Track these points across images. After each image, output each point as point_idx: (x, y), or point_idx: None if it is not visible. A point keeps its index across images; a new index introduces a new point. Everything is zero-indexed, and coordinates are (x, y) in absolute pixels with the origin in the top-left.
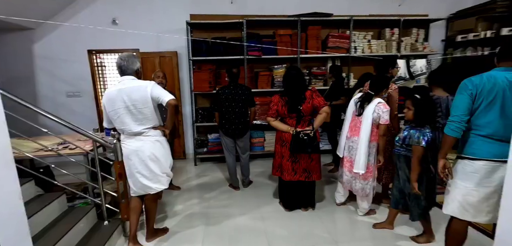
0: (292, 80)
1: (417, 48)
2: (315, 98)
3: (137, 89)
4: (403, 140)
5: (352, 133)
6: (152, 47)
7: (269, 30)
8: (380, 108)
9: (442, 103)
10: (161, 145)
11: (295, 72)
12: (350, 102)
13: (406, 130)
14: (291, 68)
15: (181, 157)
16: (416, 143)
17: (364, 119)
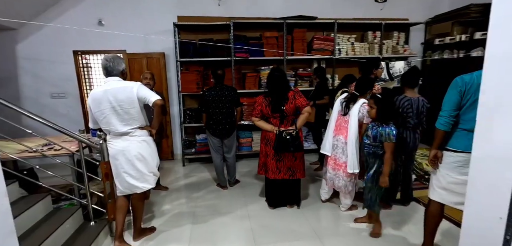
0: (275, 81)
1: (398, 50)
2: (297, 98)
3: (123, 89)
4: (374, 139)
5: (337, 132)
6: (139, 48)
7: (256, 32)
8: (365, 108)
9: (413, 104)
10: (147, 144)
11: (278, 73)
12: (336, 102)
13: (374, 128)
14: (275, 70)
15: (169, 158)
16: (388, 139)
17: (351, 120)
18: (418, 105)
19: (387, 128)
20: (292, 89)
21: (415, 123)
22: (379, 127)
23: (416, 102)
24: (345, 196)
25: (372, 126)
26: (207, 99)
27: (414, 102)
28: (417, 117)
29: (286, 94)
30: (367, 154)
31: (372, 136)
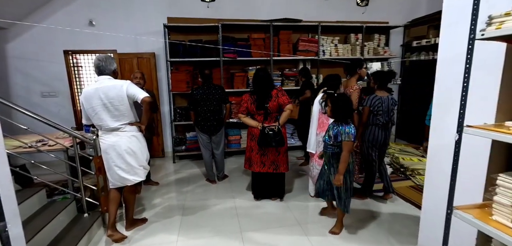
0: (259, 80)
1: (379, 52)
2: (280, 97)
3: (113, 87)
4: (334, 138)
5: (320, 129)
6: (130, 48)
7: (244, 33)
8: None
9: (383, 102)
10: (137, 139)
11: (262, 73)
12: (315, 102)
13: (335, 128)
14: (259, 70)
15: (160, 155)
16: (347, 138)
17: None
18: (388, 104)
19: (346, 127)
20: (276, 88)
21: (386, 120)
22: (339, 126)
23: (386, 101)
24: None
25: (333, 126)
26: (196, 97)
27: (384, 101)
28: (387, 115)
29: (270, 92)
30: (330, 154)
31: (333, 135)
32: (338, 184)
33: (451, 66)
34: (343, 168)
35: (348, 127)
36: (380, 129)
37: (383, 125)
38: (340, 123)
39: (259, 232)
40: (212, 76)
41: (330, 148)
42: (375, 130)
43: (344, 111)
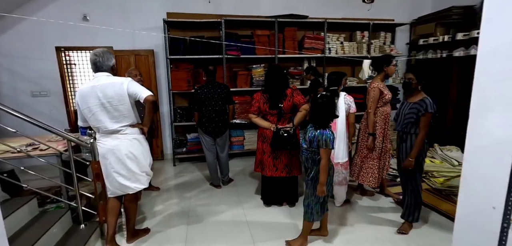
0: (273, 78)
1: (385, 50)
2: (295, 96)
3: (112, 85)
4: (310, 143)
5: None
6: (127, 45)
7: (247, 30)
8: (347, 99)
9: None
10: (139, 143)
11: (275, 70)
12: None
13: (311, 131)
14: (272, 66)
15: (159, 158)
16: (325, 145)
17: (339, 113)
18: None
19: (325, 132)
20: (290, 87)
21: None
22: (316, 131)
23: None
24: (342, 190)
25: (309, 129)
26: (199, 97)
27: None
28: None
29: (284, 91)
30: (305, 159)
31: (309, 139)
32: (322, 195)
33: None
34: (324, 178)
35: (326, 132)
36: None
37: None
38: (318, 127)
39: (273, 242)
40: (216, 74)
41: (305, 152)
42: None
43: (323, 115)
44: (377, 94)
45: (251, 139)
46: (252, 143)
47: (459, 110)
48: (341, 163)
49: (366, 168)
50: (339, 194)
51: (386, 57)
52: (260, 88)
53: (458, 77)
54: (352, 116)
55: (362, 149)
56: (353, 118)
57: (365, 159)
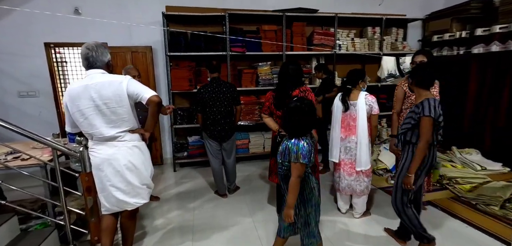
0: (280, 75)
1: (397, 47)
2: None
3: (109, 84)
4: (282, 155)
5: (347, 132)
6: (123, 41)
7: (252, 25)
8: (369, 99)
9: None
10: (140, 151)
11: (285, 66)
12: (335, 102)
13: (284, 143)
14: (284, 63)
15: (158, 162)
16: (295, 159)
17: (359, 114)
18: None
19: (298, 142)
20: (299, 87)
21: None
22: (288, 141)
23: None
24: (363, 200)
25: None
26: (203, 97)
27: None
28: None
29: (291, 91)
30: (280, 178)
31: (280, 151)
32: (288, 220)
33: None
34: (292, 200)
35: (300, 143)
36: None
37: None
38: (292, 136)
39: None
40: (220, 70)
41: (280, 168)
42: (433, 150)
43: (297, 122)
44: (400, 94)
45: (257, 141)
46: (258, 146)
47: (478, 111)
48: (364, 171)
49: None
50: (359, 205)
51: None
52: (266, 88)
53: (478, 76)
54: (375, 118)
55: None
56: (376, 121)
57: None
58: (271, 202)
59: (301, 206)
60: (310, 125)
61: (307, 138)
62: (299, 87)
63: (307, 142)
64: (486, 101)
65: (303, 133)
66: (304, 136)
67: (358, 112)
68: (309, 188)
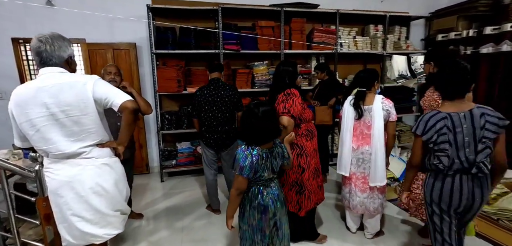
0: (273, 77)
1: (400, 46)
2: (280, 103)
3: (69, 87)
4: (233, 160)
5: (360, 142)
6: (103, 37)
7: (247, 21)
8: (386, 104)
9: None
10: (111, 169)
11: (277, 68)
12: (345, 107)
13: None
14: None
15: (143, 172)
16: (237, 169)
17: (375, 121)
18: (469, 127)
19: (244, 152)
20: (283, 91)
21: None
22: (238, 149)
23: (459, 122)
24: (377, 219)
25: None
26: (198, 99)
27: (455, 123)
28: (467, 151)
29: (276, 94)
30: None
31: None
32: (230, 229)
33: None
34: (230, 211)
35: (245, 153)
36: (450, 178)
37: (457, 171)
38: (248, 144)
39: None
40: (222, 70)
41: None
42: (434, 179)
43: (248, 128)
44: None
45: None
46: None
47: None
48: (378, 187)
49: None
50: (372, 225)
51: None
52: (263, 90)
53: (488, 77)
54: (392, 126)
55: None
56: (393, 129)
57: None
58: None
59: (239, 218)
60: (265, 133)
61: (260, 149)
62: (285, 89)
63: (255, 154)
64: (496, 104)
65: (255, 141)
66: (257, 144)
67: (374, 119)
68: (251, 206)
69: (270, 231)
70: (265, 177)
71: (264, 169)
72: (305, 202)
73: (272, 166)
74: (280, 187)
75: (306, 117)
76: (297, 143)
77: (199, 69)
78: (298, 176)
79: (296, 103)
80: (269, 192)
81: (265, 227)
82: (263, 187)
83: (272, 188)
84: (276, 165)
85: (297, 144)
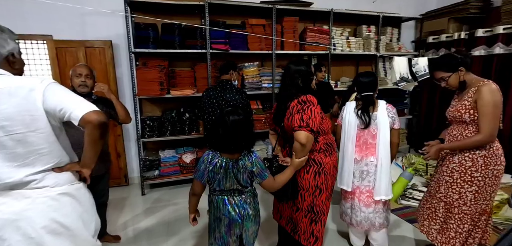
0: (281, 79)
1: (392, 48)
2: (295, 114)
3: (8, 94)
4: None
5: (363, 153)
6: (74, 34)
7: (237, 18)
8: (391, 110)
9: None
10: (72, 200)
11: (286, 68)
12: (346, 116)
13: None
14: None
15: (122, 183)
16: (194, 172)
17: (380, 130)
18: None
19: (205, 155)
20: (297, 97)
21: None
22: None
23: None
24: (383, 233)
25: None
26: (203, 101)
27: None
28: None
29: (289, 100)
30: None
31: None
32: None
33: None
34: (189, 208)
35: (203, 156)
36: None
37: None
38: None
39: None
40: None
41: None
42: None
43: (213, 133)
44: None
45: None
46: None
47: None
48: (384, 201)
49: (457, 222)
50: (379, 240)
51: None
52: (253, 93)
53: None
54: (396, 134)
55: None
56: (397, 137)
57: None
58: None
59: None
60: (229, 143)
61: (220, 157)
62: (299, 96)
63: (214, 161)
64: None
65: (217, 148)
66: (220, 152)
67: (379, 126)
68: (215, 218)
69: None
70: (227, 187)
71: (224, 178)
72: (321, 230)
73: (236, 178)
74: (253, 202)
75: (325, 129)
76: (315, 159)
77: (184, 70)
78: (314, 198)
79: (315, 114)
80: (236, 205)
81: (230, 242)
82: (228, 198)
83: (240, 201)
84: (241, 178)
85: (315, 160)
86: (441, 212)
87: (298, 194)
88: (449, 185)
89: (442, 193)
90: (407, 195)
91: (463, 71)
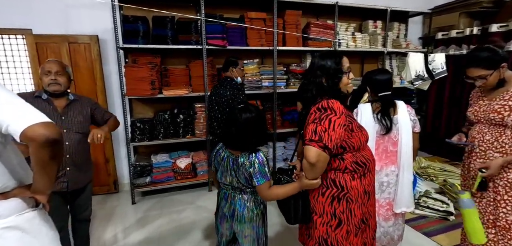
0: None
1: (400, 44)
2: (310, 123)
3: None
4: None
5: (383, 162)
6: (56, 28)
7: (234, 11)
8: (410, 111)
9: None
10: (23, 234)
11: (311, 64)
12: (359, 120)
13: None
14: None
15: (111, 190)
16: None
17: (403, 135)
18: None
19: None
20: (319, 101)
21: None
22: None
23: None
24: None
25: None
26: (209, 99)
27: None
28: None
29: (310, 105)
30: None
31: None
32: None
33: None
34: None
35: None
36: None
37: None
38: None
39: None
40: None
41: None
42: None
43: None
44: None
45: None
46: None
47: None
48: (403, 212)
49: None
50: None
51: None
52: (253, 92)
53: None
54: (416, 138)
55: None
56: (418, 141)
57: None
58: None
59: None
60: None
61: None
62: (320, 100)
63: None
64: None
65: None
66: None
67: (401, 131)
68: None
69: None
70: (227, 181)
71: (225, 172)
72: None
73: (236, 175)
74: (254, 204)
75: (354, 144)
76: (335, 180)
77: (178, 68)
78: (329, 229)
79: (335, 126)
80: (233, 202)
81: (223, 235)
82: (229, 193)
83: (239, 200)
84: (240, 176)
85: (335, 181)
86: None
87: (310, 218)
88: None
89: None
90: (421, 203)
91: (505, 68)
